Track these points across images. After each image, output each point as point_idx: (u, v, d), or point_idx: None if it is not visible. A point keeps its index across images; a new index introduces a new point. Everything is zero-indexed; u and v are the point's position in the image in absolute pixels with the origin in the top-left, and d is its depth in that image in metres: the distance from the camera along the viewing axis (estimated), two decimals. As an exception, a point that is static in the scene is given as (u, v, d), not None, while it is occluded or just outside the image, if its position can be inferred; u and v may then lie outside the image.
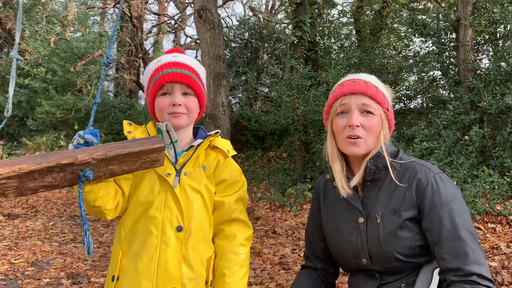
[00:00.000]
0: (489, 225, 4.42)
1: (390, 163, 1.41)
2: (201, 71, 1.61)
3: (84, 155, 1.18)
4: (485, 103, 5.94)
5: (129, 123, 1.55)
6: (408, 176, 1.39)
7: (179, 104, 1.48)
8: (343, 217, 1.49)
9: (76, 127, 11.38)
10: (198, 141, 1.53)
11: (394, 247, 1.35)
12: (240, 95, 13.42)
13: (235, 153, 1.63)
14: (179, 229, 1.43)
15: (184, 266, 1.43)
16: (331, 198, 1.55)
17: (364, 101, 1.42)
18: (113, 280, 1.45)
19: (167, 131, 1.51)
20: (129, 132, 1.52)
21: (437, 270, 1.35)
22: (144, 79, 1.60)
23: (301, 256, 4.54)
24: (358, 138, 1.40)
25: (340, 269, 1.63)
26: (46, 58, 13.51)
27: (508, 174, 5.23)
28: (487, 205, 4.69)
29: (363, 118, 1.41)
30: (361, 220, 1.42)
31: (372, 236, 1.39)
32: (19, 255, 4.85)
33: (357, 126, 1.40)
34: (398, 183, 1.38)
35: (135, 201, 1.47)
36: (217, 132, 1.58)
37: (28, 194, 1.18)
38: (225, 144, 1.59)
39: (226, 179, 1.54)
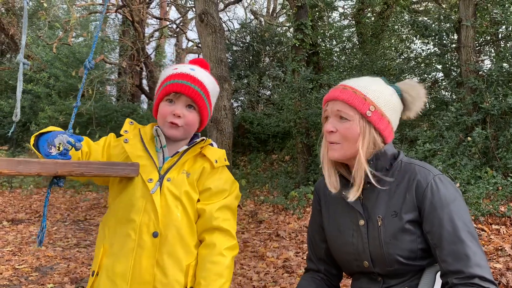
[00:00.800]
0: (493, 226, 4.41)
1: (385, 166, 1.42)
2: (213, 90, 1.62)
3: (64, 171, 1.26)
4: (487, 104, 5.94)
5: (131, 122, 1.60)
6: (407, 178, 1.39)
7: (179, 116, 1.50)
8: (344, 219, 1.49)
9: (77, 131, 11.41)
10: (184, 147, 1.55)
11: (395, 249, 1.34)
12: (242, 98, 13.44)
13: (226, 163, 1.61)
14: (155, 234, 1.44)
15: (158, 271, 1.44)
16: (332, 200, 1.55)
17: (338, 107, 1.42)
18: (93, 275, 1.48)
19: (158, 136, 1.55)
20: (126, 131, 1.57)
21: (439, 273, 1.34)
22: (159, 80, 1.63)
23: (304, 259, 4.53)
24: (334, 143, 1.42)
25: (344, 272, 1.63)
26: (48, 63, 13.56)
27: (511, 175, 5.22)
28: (491, 206, 4.68)
29: (339, 124, 1.41)
30: (361, 222, 1.42)
31: (373, 239, 1.39)
32: (23, 260, 4.85)
33: (332, 131, 1.42)
34: (380, 187, 1.39)
35: (118, 202, 1.50)
36: (202, 140, 1.58)
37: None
38: (215, 153, 1.58)
39: (211, 188, 1.53)
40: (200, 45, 14.31)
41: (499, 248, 3.88)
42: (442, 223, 1.28)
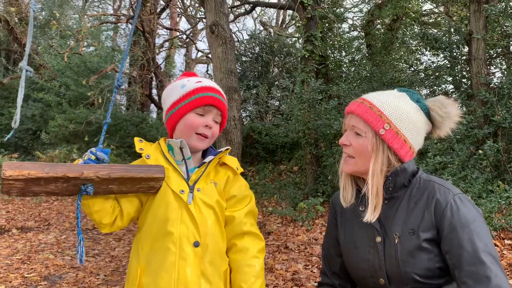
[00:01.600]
0: (506, 241, 4.35)
1: (403, 183, 1.40)
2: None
3: (90, 172, 1.26)
4: (499, 117, 5.89)
5: (140, 140, 1.58)
6: (426, 195, 1.36)
7: (210, 128, 1.55)
8: (360, 235, 1.47)
9: (86, 139, 11.48)
10: (210, 157, 1.57)
11: (412, 268, 1.32)
12: (250, 108, 13.47)
13: (242, 170, 1.67)
14: (196, 244, 1.46)
15: (203, 280, 1.46)
16: (349, 215, 1.54)
17: (353, 121, 1.42)
18: None
19: (181, 148, 1.54)
20: (141, 149, 1.55)
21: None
22: (174, 93, 1.59)
23: (314, 273, 4.49)
24: (350, 156, 1.43)
25: None
26: (59, 72, 13.71)
27: (524, 189, 5.15)
28: (503, 221, 4.62)
29: (354, 138, 1.42)
30: (378, 239, 1.40)
31: (389, 256, 1.37)
32: (32, 269, 4.86)
33: (345, 145, 1.43)
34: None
35: (150, 219, 1.49)
36: (227, 149, 1.62)
37: (29, 196, 1.26)
38: (233, 161, 1.63)
39: (236, 195, 1.58)
40: (209, 55, 14.40)
41: (512, 263, 3.82)
42: (461, 243, 1.26)
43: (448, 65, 7.52)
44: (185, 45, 18.64)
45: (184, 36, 16.85)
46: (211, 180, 1.57)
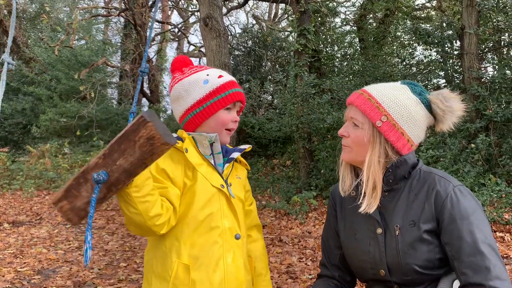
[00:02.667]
0: (497, 234, 4.40)
1: (403, 175, 1.41)
2: None
3: (93, 160, 1.20)
4: (490, 111, 5.94)
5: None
6: (427, 187, 1.37)
7: (237, 122, 1.60)
8: (361, 227, 1.47)
9: (78, 133, 11.40)
10: (236, 154, 1.61)
11: (413, 259, 1.33)
12: (243, 102, 13.44)
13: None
14: (237, 237, 1.52)
15: (244, 270, 1.53)
16: (349, 207, 1.53)
17: (352, 113, 1.43)
18: None
19: (211, 143, 1.54)
20: (186, 150, 1.51)
21: (456, 282, 1.33)
22: (196, 90, 1.56)
23: (308, 265, 4.51)
24: (346, 146, 1.45)
25: (358, 280, 1.62)
26: (50, 65, 13.57)
27: (515, 182, 5.22)
28: (495, 213, 4.67)
29: (352, 130, 1.43)
30: (379, 231, 1.40)
31: (390, 248, 1.37)
32: (25, 263, 4.83)
33: (344, 136, 1.44)
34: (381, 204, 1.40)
35: (192, 213, 1.46)
36: (249, 147, 1.69)
37: (83, 216, 1.22)
38: (243, 159, 1.71)
39: (249, 189, 1.71)
40: (202, 49, 14.33)
41: (504, 256, 3.88)
42: (461, 235, 1.27)
43: (440, 60, 7.56)
44: (177, 39, 18.53)
45: (176, 30, 16.74)
46: (236, 175, 1.63)
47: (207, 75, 1.58)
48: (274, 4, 15.28)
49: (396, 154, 1.39)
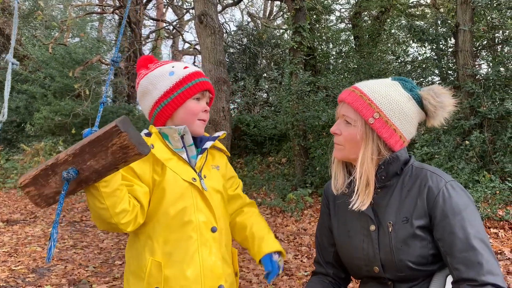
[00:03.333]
0: (492, 230, 4.43)
1: (395, 171, 1.41)
2: None
3: (62, 154, 1.17)
4: (484, 108, 5.97)
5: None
6: (419, 183, 1.37)
7: (207, 112, 1.58)
8: (354, 224, 1.47)
9: (73, 131, 11.34)
10: (209, 143, 1.58)
11: (406, 256, 1.33)
12: (238, 100, 13.44)
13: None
14: (214, 229, 1.49)
15: (223, 263, 1.52)
16: (342, 204, 1.53)
17: (343, 110, 1.43)
18: None
19: (181, 135, 1.52)
20: (152, 146, 1.49)
21: (450, 277, 1.33)
22: (162, 82, 1.55)
23: (303, 262, 4.52)
24: (338, 144, 1.44)
25: (352, 277, 1.63)
26: (44, 63, 13.49)
27: (509, 179, 5.24)
28: (489, 210, 4.70)
29: (344, 127, 1.42)
30: (372, 228, 1.41)
31: (384, 245, 1.37)
32: (19, 261, 4.81)
33: (336, 133, 1.44)
34: (373, 201, 1.40)
35: (163, 210, 1.45)
36: (223, 133, 1.67)
37: (52, 203, 1.21)
38: (221, 145, 1.69)
39: (233, 176, 1.70)
40: (197, 46, 14.30)
41: (499, 252, 3.90)
42: (453, 230, 1.27)
43: (435, 57, 7.58)
44: (171, 36, 18.48)
45: (171, 27, 16.69)
46: (212, 165, 1.60)
47: (173, 67, 1.57)
48: (269, 1, 15.26)
49: (389, 151, 1.40)
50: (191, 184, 1.48)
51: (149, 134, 1.53)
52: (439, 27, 7.38)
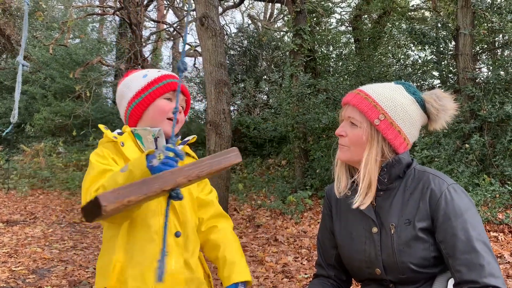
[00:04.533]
0: (492, 233, 4.44)
1: (398, 174, 1.42)
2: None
3: (182, 179, 1.16)
4: (484, 112, 5.98)
5: (106, 127, 1.54)
6: (421, 186, 1.38)
7: (180, 112, 1.55)
8: (356, 226, 1.48)
9: (74, 133, 11.34)
10: (180, 147, 1.57)
11: (408, 258, 1.34)
12: (238, 102, 13.45)
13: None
14: (178, 234, 1.48)
15: (186, 269, 1.49)
16: (344, 205, 1.54)
17: (349, 112, 1.43)
18: None
19: (155, 137, 1.50)
20: (115, 137, 1.49)
21: (451, 280, 1.34)
22: (135, 84, 1.58)
23: (303, 265, 4.53)
24: (343, 146, 1.45)
25: (353, 279, 1.63)
26: (44, 64, 13.49)
27: (509, 183, 5.26)
28: (489, 213, 4.71)
29: (349, 129, 1.43)
30: (374, 230, 1.41)
31: (386, 247, 1.38)
32: (19, 262, 4.81)
33: (341, 135, 1.44)
34: (375, 203, 1.41)
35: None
36: (193, 137, 1.67)
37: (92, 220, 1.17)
38: (190, 150, 1.66)
39: (204, 181, 1.66)
40: (197, 48, 14.30)
41: (498, 255, 3.91)
42: (455, 232, 1.28)
43: (435, 60, 7.59)
44: (172, 38, 18.50)
45: (172, 29, 16.70)
46: None
47: (148, 71, 1.61)
48: (270, 4, 15.29)
49: (392, 153, 1.41)
50: None
51: (121, 133, 1.53)
52: (439, 31, 7.38)
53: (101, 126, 1.55)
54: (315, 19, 10.01)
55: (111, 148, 1.48)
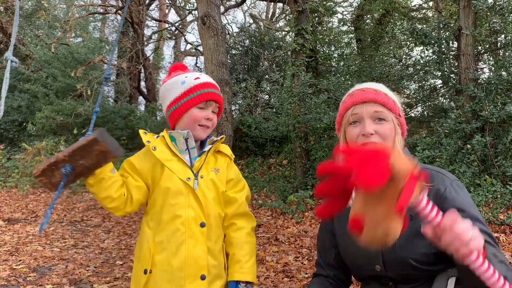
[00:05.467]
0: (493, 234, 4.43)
1: None
2: None
3: (60, 155, 1.52)
4: (486, 112, 5.97)
5: (145, 132, 1.76)
6: None
7: (210, 120, 1.74)
8: (357, 224, 1.49)
9: (75, 131, 11.35)
10: (209, 147, 1.77)
11: (408, 253, 1.35)
12: (240, 101, 13.45)
13: (233, 156, 1.90)
14: (202, 225, 1.66)
15: (210, 256, 1.67)
16: None
17: (375, 108, 1.44)
18: (145, 273, 1.64)
19: (186, 139, 1.72)
20: (149, 141, 1.72)
21: (451, 280, 1.34)
22: (174, 89, 1.76)
23: (304, 264, 4.53)
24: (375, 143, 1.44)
25: (352, 278, 1.63)
26: (46, 63, 13.50)
27: (510, 183, 5.25)
28: (490, 214, 4.70)
29: (377, 126, 1.43)
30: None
31: None
32: (20, 260, 4.82)
33: (372, 134, 1.43)
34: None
35: (159, 203, 1.68)
36: (222, 137, 1.83)
37: (54, 190, 1.56)
38: (227, 149, 1.85)
39: (233, 178, 1.81)
40: (198, 47, 14.31)
41: (499, 255, 3.90)
42: None
43: (437, 60, 7.58)
44: (174, 37, 18.50)
45: (173, 28, 16.71)
46: (212, 168, 1.76)
47: (186, 77, 1.77)
48: (272, 3, 15.28)
49: (402, 146, 1.47)
50: (185, 182, 1.67)
51: (157, 136, 1.77)
52: (441, 31, 7.37)
53: (140, 131, 1.76)
54: (317, 18, 10.02)
55: (142, 154, 1.76)
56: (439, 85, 8.43)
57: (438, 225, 1.01)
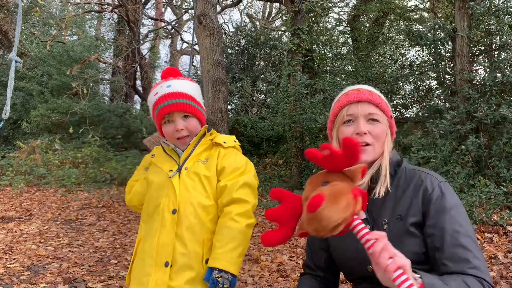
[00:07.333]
0: (486, 234, 4.45)
1: (390, 172, 1.45)
2: (195, 91, 1.83)
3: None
4: (481, 113, 5.99)
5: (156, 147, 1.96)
6: (414, 184, 1.41)
7: (182, 129, 1.77)
8: (349, 225, 1.50)
9: (70, 130, 11.30)
10: (190, 142, 1.83)
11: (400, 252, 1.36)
12: (236, 101, 13.45)
13: (237, 144, 1.89)
14: (174, 211, 1.68)
15: (177, 242, 1.66)
16: None
17: (370, 109, 1.46)
18: (131, 263, 1.77)
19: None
20: (153, 155, 1.89)
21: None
22: (151, 99, 1.83)
23: (298, 264, 4.53)
24: (367, 145, 1.44)
25: (346, 279, 1.64)
26: (41, 61, 13.44)
27: (504, 184, 5.27)
28: (483, 214, 4.72)
29: (370, 126, 1.45)
30: (367, 227, 1.43)
31: None
32: (14, 259, 4.80)
33: (365, 133, 1.44)
34: (390, 190, 1.42)
35: (148, 197, 1.80)
36: (205, 127, 1.85)
37: None
38: (223, 138, 1.85)
39: (225, 166, 1.76)
40: (195, 46, 14.29)
41: (493, 256, 3.92)
42: (444, 226, 1.30)
43: (433, 61, 7.60)
44: (170, 36, 18.47)
45: (170, 27, 16.68)
46: (199, 160, 1.79)
47: (161, 87, 1.80)
48: (268, 3, 15.28)
49: (391, 148, 1.50)
50: (167, 174, 1.76)
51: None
52: (437, 32, 7.39)
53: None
54: (313, 19, 10.03)
55: (147, 158, 1.94)
56: (434, 86, 8.45)
57: (368, 248, 1.11)
